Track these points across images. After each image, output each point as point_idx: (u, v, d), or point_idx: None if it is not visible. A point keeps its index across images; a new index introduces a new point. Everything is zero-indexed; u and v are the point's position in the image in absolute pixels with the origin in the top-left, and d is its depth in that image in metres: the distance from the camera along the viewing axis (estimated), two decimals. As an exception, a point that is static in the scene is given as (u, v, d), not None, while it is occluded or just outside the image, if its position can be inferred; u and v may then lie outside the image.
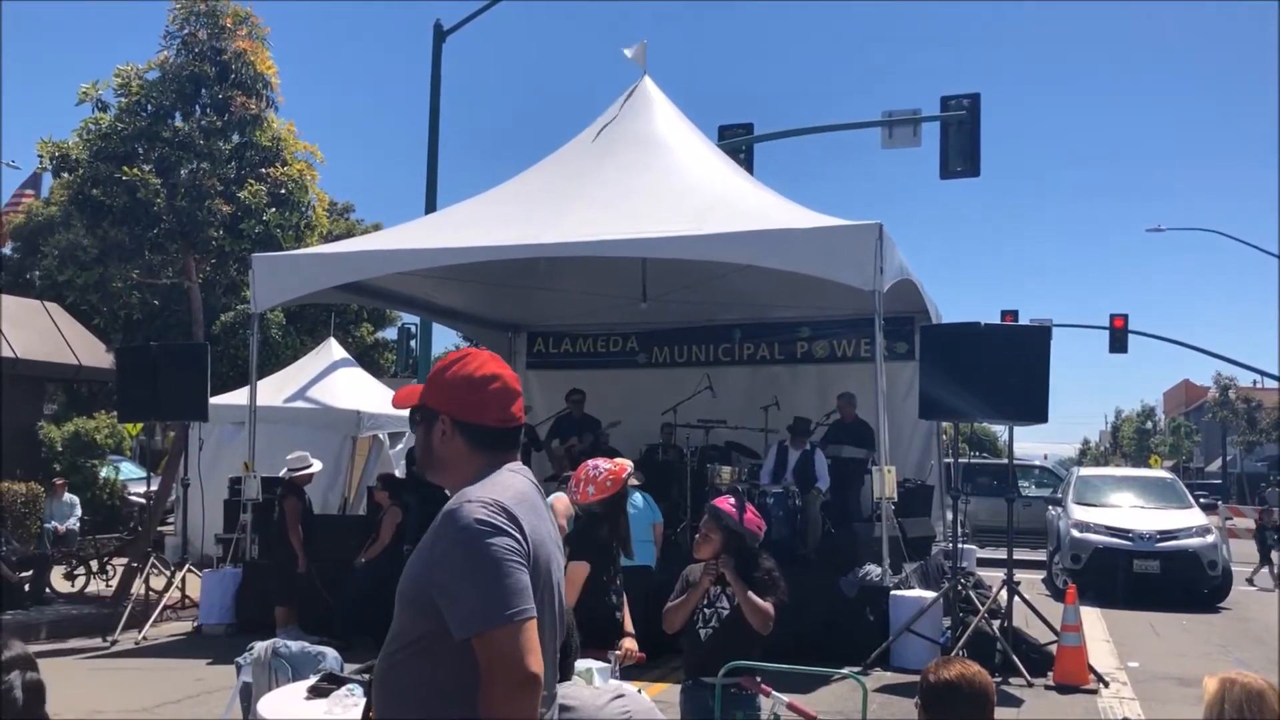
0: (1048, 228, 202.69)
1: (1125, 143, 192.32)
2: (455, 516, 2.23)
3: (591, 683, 3.57)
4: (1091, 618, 12.23)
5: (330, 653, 4.90)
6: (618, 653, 4.41)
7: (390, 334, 26.14)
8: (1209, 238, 78.56)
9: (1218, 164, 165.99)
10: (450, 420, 2.43)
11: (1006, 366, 9.13)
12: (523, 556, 2.22)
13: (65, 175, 13.23)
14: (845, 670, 5.49)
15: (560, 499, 8.20)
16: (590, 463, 4.97)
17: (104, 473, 17.93)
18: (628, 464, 5.07)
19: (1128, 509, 15.85)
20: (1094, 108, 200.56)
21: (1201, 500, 17.65)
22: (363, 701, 3.85)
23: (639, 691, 4.03)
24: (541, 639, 2.25)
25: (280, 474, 11.20)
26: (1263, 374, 38.59)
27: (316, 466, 11.10)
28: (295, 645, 4.99)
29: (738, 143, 18.70)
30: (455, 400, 2.44)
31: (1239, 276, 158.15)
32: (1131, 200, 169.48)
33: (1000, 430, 31.66)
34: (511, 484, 2.36)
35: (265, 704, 4.16)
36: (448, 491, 2.45)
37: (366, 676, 4.00)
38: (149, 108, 13.01)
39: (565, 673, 3.09)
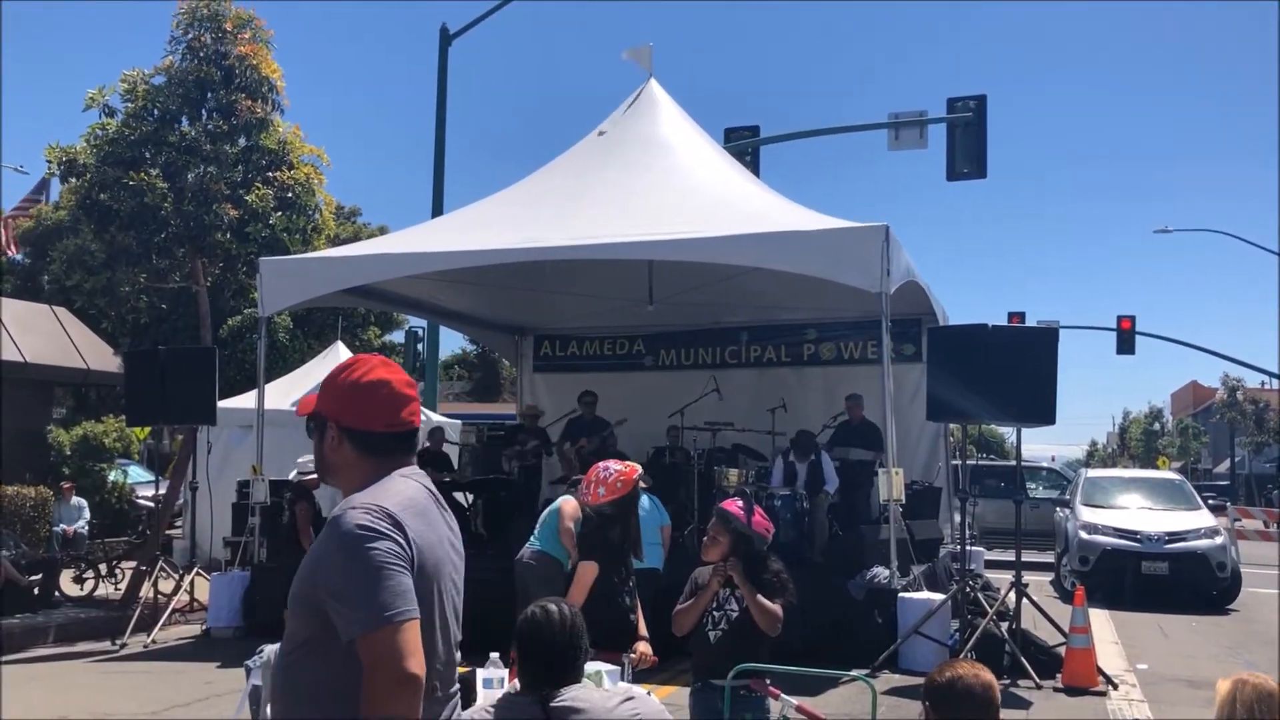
0: (1055, 229, 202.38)
1: (1131, 143, 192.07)
2: (339, 522, 2.31)
3: (601, 685, 3.58)
4: (1100, 619, 12.19)
5: (339, 656, 4.89)
6: (632, 655, 4.41)
7: (397, 337, 26.18)
8: (1216, 239, 78.37)
9: (1224, 164, 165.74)
10: (338, 427, 2.47)
11: (1014, 368, 9.12)
12: (405, 560, 2.28)
13: (73, 180, 13.27)
14: (854, 672, 5.48)
15: (569, 501, 8.23)
16: (601, 464, 4.98)
17: (112, 476, 17.98)
18: (637, 467, 5.07)
19: (1136, 510, 15.81)
20: (1100, 108, 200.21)
21: (1210, 502, 17.58)
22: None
23: (648, 694, 4.04)
24: (430, 641, 2.31)
25: (290, 477, 11.20)
26: (1270, 374, 38.55)
27: None
28: (304, 648, 4.99)
29: (744, 145, 18.73)
30: (342, 407, 2.48)
31: (1246, 277, 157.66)
32: (1138, 201, 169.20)
33: (1007, 432, 31.65)
34: (400, 490, 2.40)
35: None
36: (340, 496, 2.50)
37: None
38: (155, 112, 13.05)
39: (575, 675, 3.09)
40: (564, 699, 2.98)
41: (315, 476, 10.71)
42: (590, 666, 3.57)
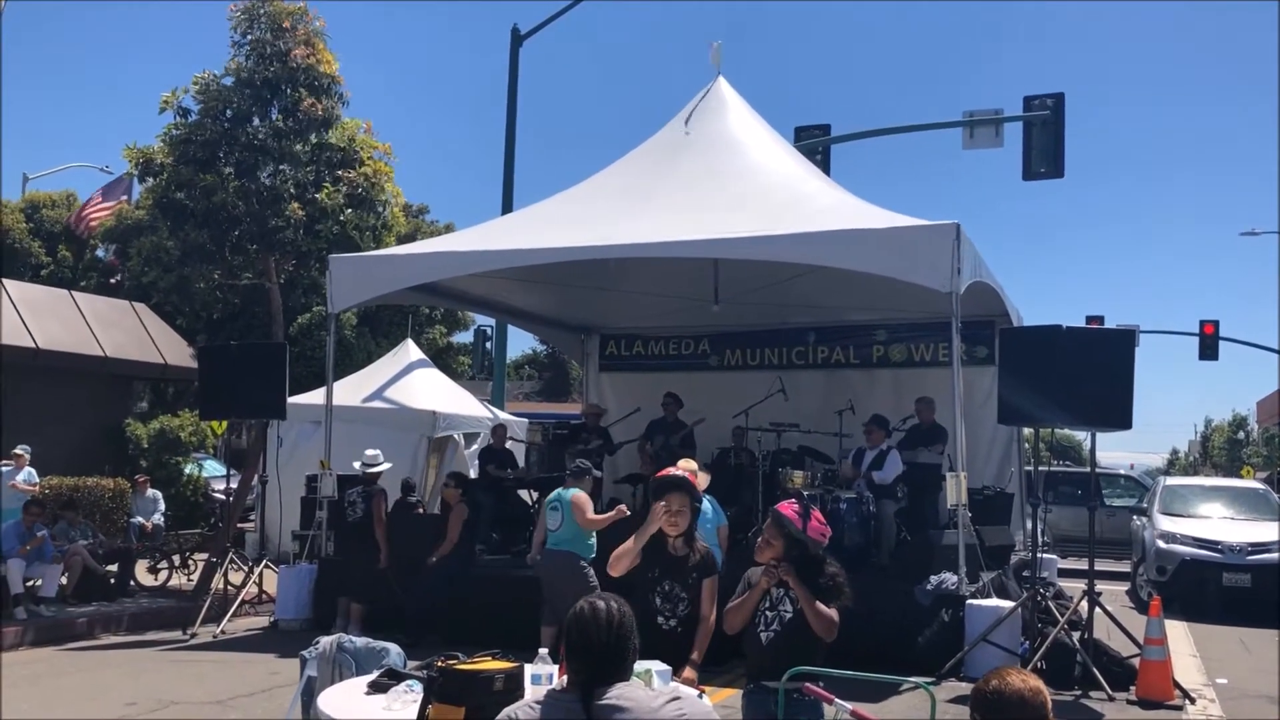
0: (1135, 230, 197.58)
1: (1216, 143, 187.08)
2: None
3: (650, 685, 3.51)
4: (1177, 632, 11.83)
5: (394, 648, 4.90)
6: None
7: (463, 338, 26.41)
8: (1306, 242, 75.84)
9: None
10: None
11: (1088, 371, 8.87)
12: None
13: (150, 180, 13.56)
14: (914, 679, 5.33)
15: (579, 495, 8.72)
16: None
17: (188, 469, 18.35)
18: (681, 467, 5.09)
19: (1217, 520, 15.30)
20: (1183, 107, 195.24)
21: (1297, 513, 16.95)
22: (420, 697, 3.85)
23: (700, 695, 3.96)
24: None
25: (354, 466, 11.34)
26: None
27: (385, 466, 11.27)
28: (360, 640, 5.01)
29: (814, 144, 18.53)
30: None
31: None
32: (1224, 203, 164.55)
33: (1084, 437, 30.94)
34: None
35: (326, 698, 4.18)
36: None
37: (426, 673, 3.99)
38: (227, 113, 13.27)
39: (622, 674, 3.02)
40: (608, 697, 2.92)
41: (377, 470, 10.91)
42: (640, 665, 3.50)
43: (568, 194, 13.05)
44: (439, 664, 3.77)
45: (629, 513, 9.05)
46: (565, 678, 3.13)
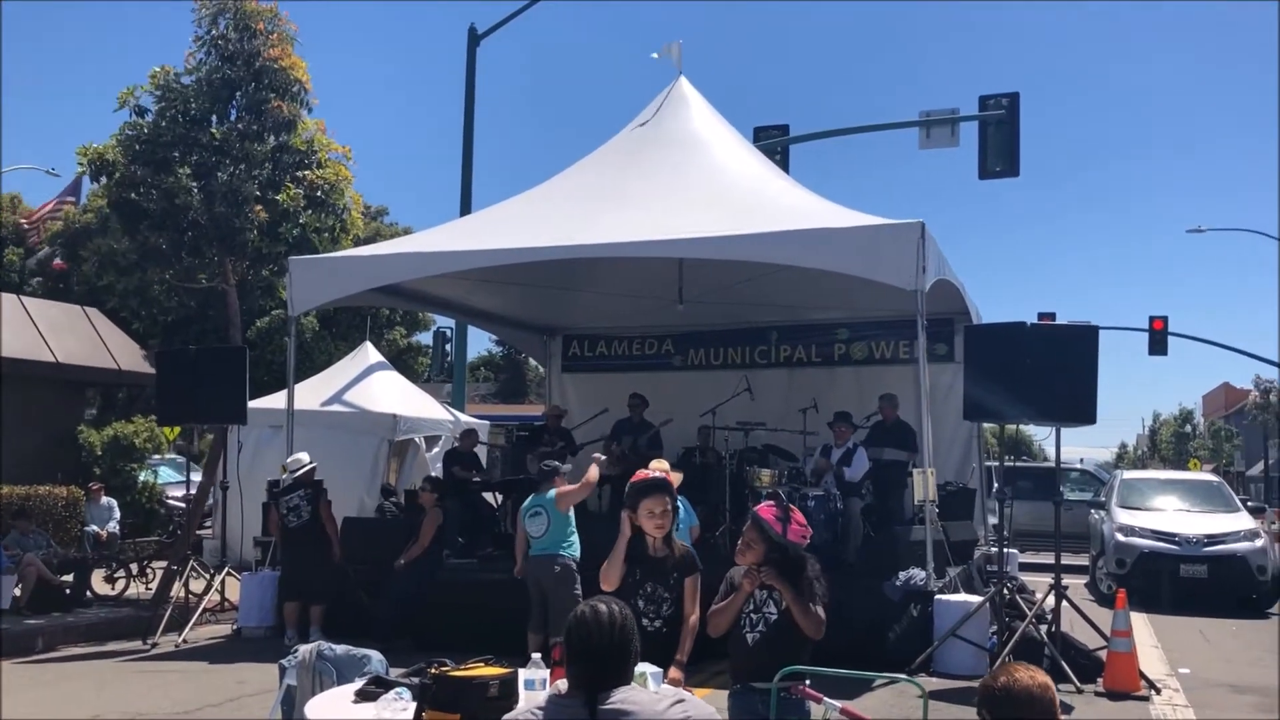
0: (1086, 228, 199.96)
1: (1164, 142, 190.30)
2: None
3: (646, 687, 3.48)
4: (1138, 623, 11.99)
5: (375, 655, 4.84)
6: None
7: (422, 339, 26.19)
8: (1250, 238, 77.68)
9: (1260, 164, 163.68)
10: None
11: (1053, 367, 8.98)
12: None
13: (103, 180, 13.28)
14: (896, 675, 5.37)
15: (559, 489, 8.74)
16: None
17: (143, 476, 18.03)
18: (654, 468, 5.11)
19: (1173, 512, 15.59)
20: (1133, 106, 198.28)
21: (1249, 505, 17.32)
22: (412, 706, 3.79)
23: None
24: None
25: (281, 478, 11.19)
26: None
27: (311, 465, 11.11)
28: (340, 648, 4.93)
29: (773, 144, 18.60)
30: None
31: None
32: (1171, 201, 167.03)
33: (1037, 433, 31.40)
34: None
35: (312, 707, 4.11)
36: None
37: (415, 680, 3.94)
38: (188, 112, 13.03)
39: (624, 677, 3.00)
40: (613, 701, 2.90)
41: (306, 470, 10.83)
42: (637, 669, 3.48)
43: (530, 194, 12.98)
44: (431, 671, 3.71)
45: (604, 456, 9.19)
46: (564, 681, 3.09)
